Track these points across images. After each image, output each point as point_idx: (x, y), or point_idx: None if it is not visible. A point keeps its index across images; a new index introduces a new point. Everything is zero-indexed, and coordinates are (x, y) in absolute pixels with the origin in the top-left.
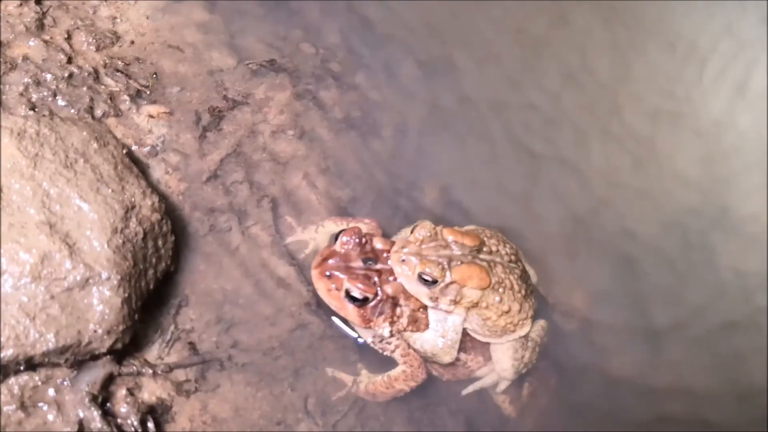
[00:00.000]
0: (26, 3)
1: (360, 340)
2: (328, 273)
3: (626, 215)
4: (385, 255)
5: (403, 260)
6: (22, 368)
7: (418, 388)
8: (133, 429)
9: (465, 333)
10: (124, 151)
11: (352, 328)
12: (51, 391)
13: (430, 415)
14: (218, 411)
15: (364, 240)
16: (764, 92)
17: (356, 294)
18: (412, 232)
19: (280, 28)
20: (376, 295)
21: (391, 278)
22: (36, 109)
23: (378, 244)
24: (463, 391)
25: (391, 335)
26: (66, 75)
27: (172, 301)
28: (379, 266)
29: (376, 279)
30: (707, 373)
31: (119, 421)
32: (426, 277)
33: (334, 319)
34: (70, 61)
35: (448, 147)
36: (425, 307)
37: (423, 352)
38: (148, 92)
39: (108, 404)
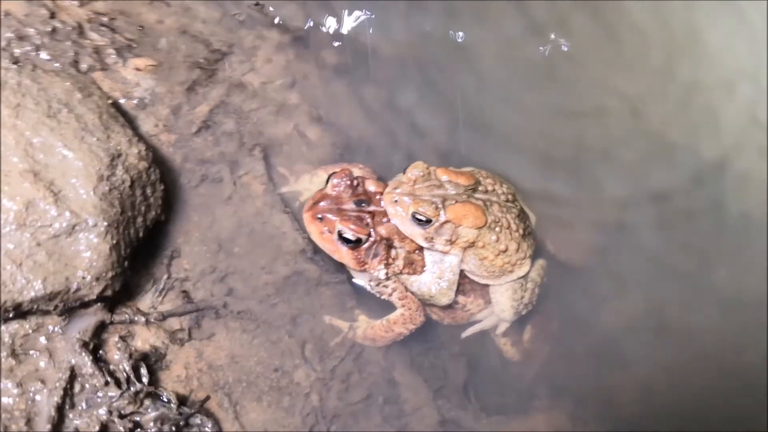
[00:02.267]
0: None
1: (357, 284)
2: (319, 216)
3: None
4: (378, 197)
5: (396, 200)
6: (11, 315)
7: (418, 332)
8: (125, 375)
9: (463, 275)
10: (109, 101)
11: (349, 273)
12: (42, 339)
13: (431, 359)
14: (214, 358)
15: (356, 182)
16: None
17: (348, 235)
18: (404, 172)
19: None
20: (369, 236)
21: (384, 220)
22: (19, 63)
23: (371, 186)
24: (463, 334)
25: (388, 278)
26: (49, 30)
27: (164, 251)
28: (372, 208)
29: (369, 220)
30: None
31: (111, 367)
32: (419, 217)
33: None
34: (53, 16)
35: (445, 91)
36: (421, 249)
37: (420, 295)
38: (135, 46)
39: (100, 351)
